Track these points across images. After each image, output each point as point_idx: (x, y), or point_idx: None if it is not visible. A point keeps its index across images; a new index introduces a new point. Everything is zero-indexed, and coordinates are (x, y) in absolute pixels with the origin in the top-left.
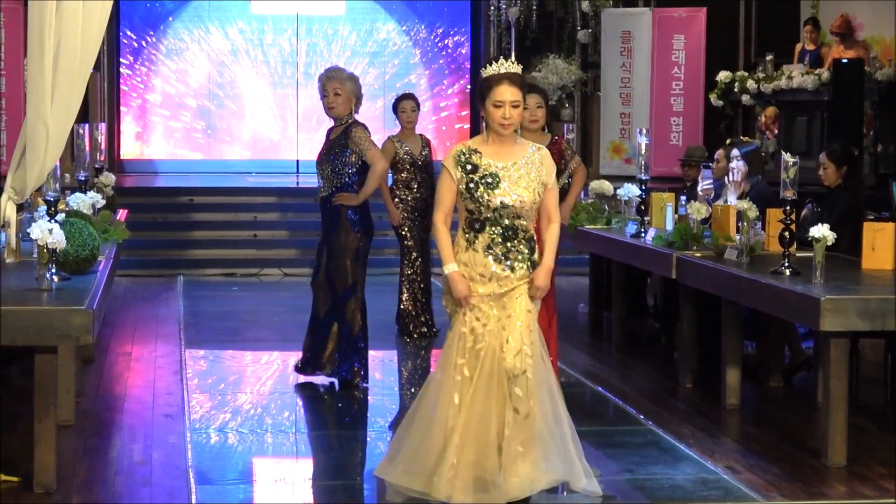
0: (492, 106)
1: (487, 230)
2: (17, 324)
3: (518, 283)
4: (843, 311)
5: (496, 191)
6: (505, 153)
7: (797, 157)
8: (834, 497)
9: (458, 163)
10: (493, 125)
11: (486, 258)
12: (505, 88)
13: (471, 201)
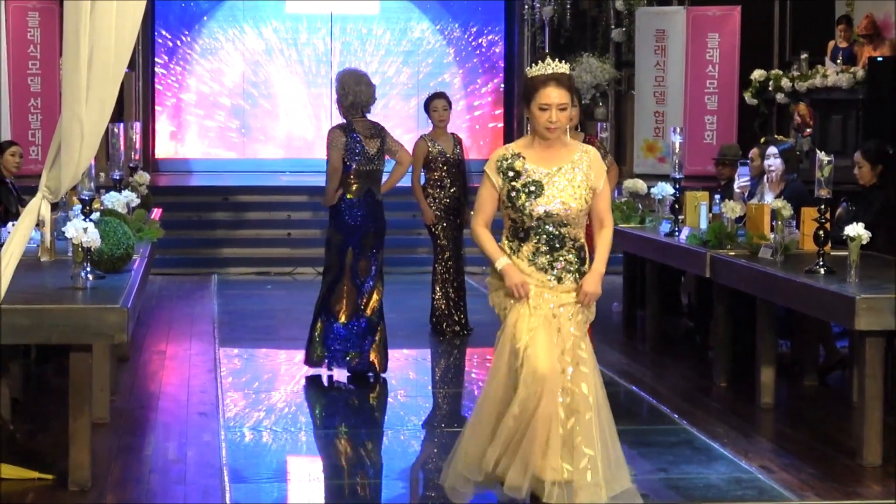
0: (537, 109)
1: (531, 239)
2: (52, 322)
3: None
4: (879, 310)
5: (539, 199)
6: (550, 157)
7: (832, 156)
8: (869, 497)
9: (500, 169)
10: (538, 129)
11: (531, 268)
12: (551, 90)
13: (513, 210)
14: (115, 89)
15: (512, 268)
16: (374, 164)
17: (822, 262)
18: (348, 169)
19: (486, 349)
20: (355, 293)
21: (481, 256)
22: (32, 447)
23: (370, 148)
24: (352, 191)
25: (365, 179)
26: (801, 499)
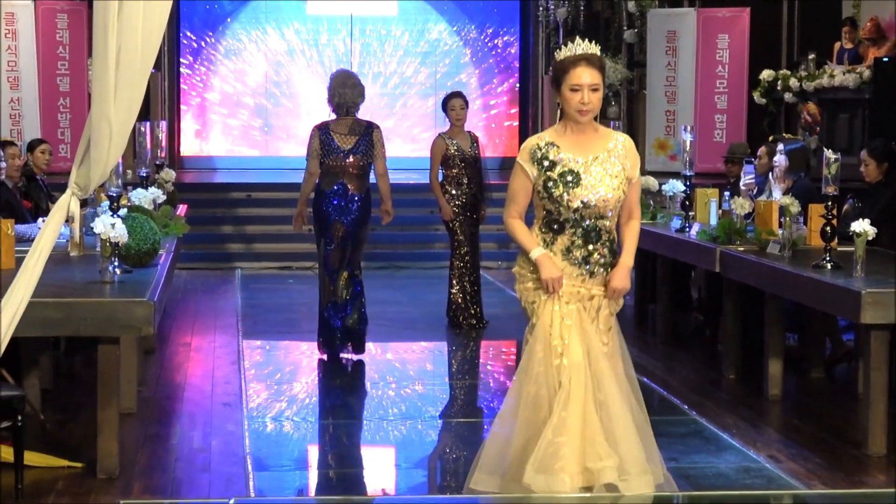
0: (568, 90)
1: (567, 231)
2: (80, 315)
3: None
4: (884, 304)
5: (576, 189)
6: (585, 145)
7: (839, 154)
8: (873, 486)
9: (534, 159)
10: (569, 112)
11: (565, 261)
12: (583, 70)
13: (549, 201)
14: (142, 89)
15: (547, 259)
16: (349, 159)
17: (829, 258)
18: (324, 165)
19: (501, 342)
20: (329, 282)
21: (497, 251)
22: (62, 436)
23: (344, 145)
24: (325, 184)
25: (336, 174)
26: (808, 487)
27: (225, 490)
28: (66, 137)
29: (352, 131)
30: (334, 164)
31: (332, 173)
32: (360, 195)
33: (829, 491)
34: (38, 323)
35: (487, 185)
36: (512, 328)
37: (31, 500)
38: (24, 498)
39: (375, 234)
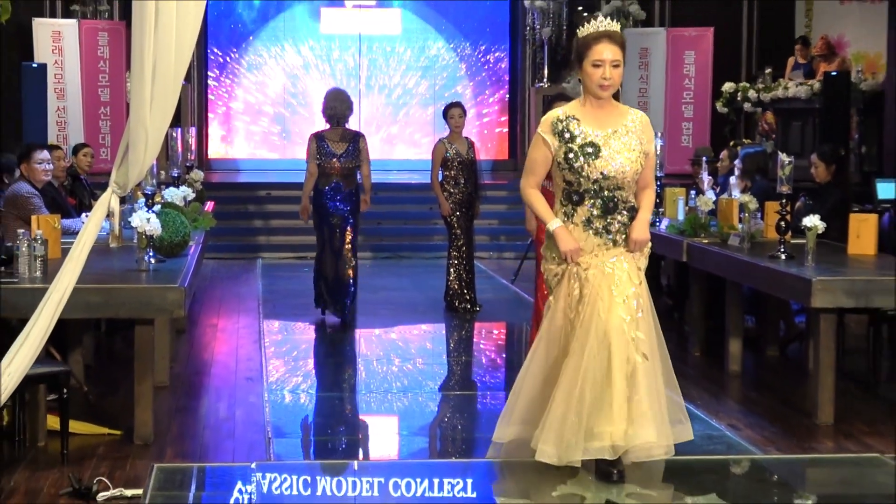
0: (590, 66)
1: (586, 202)
2: (120, 300)
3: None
4: (832, 290)
5: (596, 161)
6: (604, 119)
7: (792, 157)
8: (823, 451)
9: (555, 130)
10: (591, 87)
11: (586, 233)
12: (604, 46)
13: (570, 172)
14: (175, 99)
15: (564, 231)
16: (341, 162)
17: (784, 249)
18: (320, 167)
19: (492, 323)
20: (334, 261)
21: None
22: (102, 407)
23: (337, 149)
24: (322, 183)
25: (332, 175)
26: (765, 453)
27: (247, 455)
28: (107, 142)
29: (342, 138)
30: (328, 166)
31: (327, 174)
32: (351, 190)
33: (783, 456)
34: (82, 306)
35: (482, 184)
36: (502, 312)
37: (76, 464)
38: (69, 462)
39: (382, 228)
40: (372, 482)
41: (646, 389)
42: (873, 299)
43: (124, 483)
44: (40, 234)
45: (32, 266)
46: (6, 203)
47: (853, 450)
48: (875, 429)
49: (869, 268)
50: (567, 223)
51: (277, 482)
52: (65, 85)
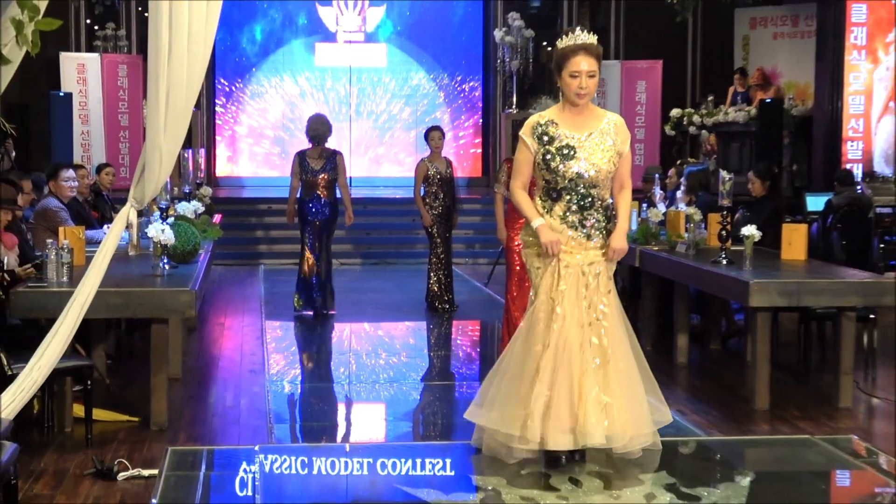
0: (568, 76)
1: (564, 199)
2: (138, 301)
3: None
4: (767, 291)
5: (571, 161)
6: (581, 123)
7: (732, 175)
8: (759, 433)
9: (535, 134)
10: (568, 95)
11: (563, 226)
12: (581, 58)
13: (547, 171)
14: (186, 123)
15: (546, 227)
16: (320, 176)
17: (724, 255)
18: (303, 180)
19: (468, 321)
20: (313, 261)
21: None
22: (122, 397)
23: (316, 166)
24: (305, 194)
25: (312, 187)
26: (709, 435)
27: (252, 438)
28: (126, 162)
29: (321, 156)
30: (310, 179)
31: (309, 186)
32: (329, 200)
33: (725, 438)
34: (104, 307)
35: (458, 199)
36: (476, 311)
37: (99, 447)
38: (92, 445)
39: (370, 238)
40: (362, 462)
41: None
42: (803, 299)
43: (142, 464)
44: (67, 244)
45: (60, 272)
46: (36, 216)
47: (786, 432)
48: (806, 413)
49: (800, 271)
50: (546, 217)
51: (278, 463)
52: (88, 111)
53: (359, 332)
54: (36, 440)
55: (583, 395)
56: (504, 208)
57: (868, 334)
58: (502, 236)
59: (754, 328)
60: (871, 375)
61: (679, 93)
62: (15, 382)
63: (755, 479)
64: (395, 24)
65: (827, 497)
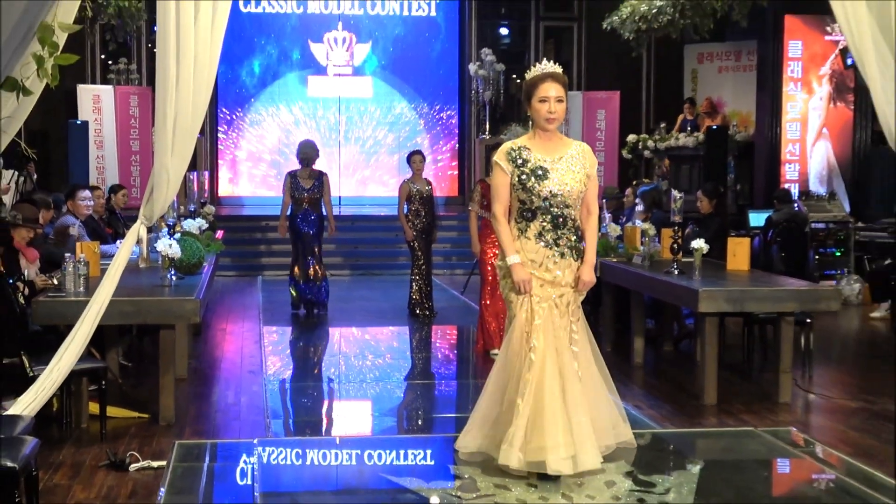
0: (537, 102)
1: (538, 218)
2: (148, 309)
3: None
4: (714, 298)
5: (545, 182)
6: (551, 148)
7: (682, 194)
8: (708, 426)
9: (510, 158)
10: (538, 121)
11: (538, 244)
12: (549, 85)
13: (522, 191)
14: (191, 148)
15: (520, 266)
16: (309, 194)
17: (676, 266)
18: (293, 197)
19: (446, 326)
20: (305, 268)
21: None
22: (134, 395)
23: (305, 184)
24: (296, 209)
25: (303, 203)
26: (663, 428)
27: (251, 433)
28: (137, 183)
29: (310, 176)
30: (300, 197)
31: (299, 202)
32: (316, 214)
33: (677, 430)
34: (117, 314)
35: (437, 216)
36: (453, 317)
37: (112, 441)
38: (107, 440)
39: (358, 251)
40: (350, 454)
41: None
42: (747, 305)
43: (152, 456)
44: (83, 257)
45: (77, 283)
46: (55, 232)
47: (732, 425)
48: (749, 408)
49: (743, 280)
50: (521, 237)
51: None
52: (103, 138)
53: (348, 336)
54: (55, 435)
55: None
56: (478, 224)
57: (805, 337)
58: (476, 250)
59: (703, 331)
60: (807, 374)
61: (635, 120)
62: (36, 383)
63: (704, 467)
64: (379, 59)
65: (769, 483)
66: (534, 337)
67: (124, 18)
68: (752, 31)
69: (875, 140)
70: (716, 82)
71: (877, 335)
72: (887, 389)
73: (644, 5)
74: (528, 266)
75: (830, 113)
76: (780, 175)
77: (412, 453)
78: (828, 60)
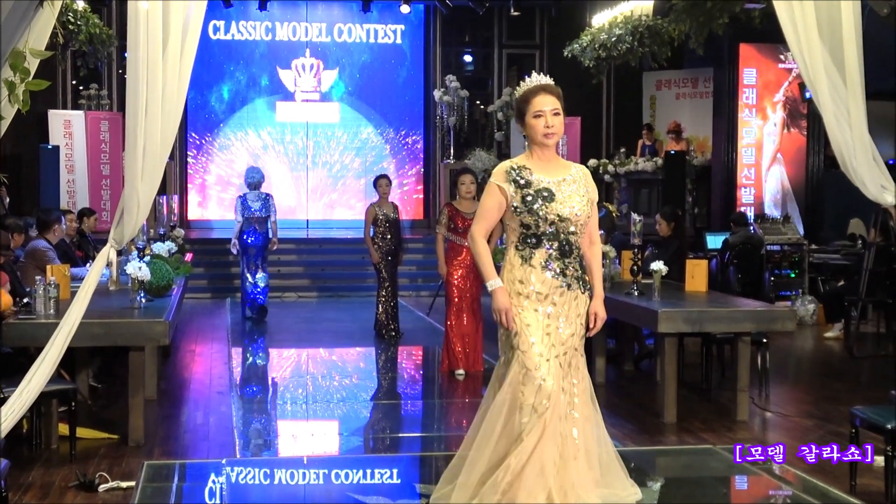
0: (532, 118)
1: (544, 245)
2: (118, 331)
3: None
4: (673, 319)
5: (552, 204)
6: (552, 169)
7: (641, 217)
8: (668, 444)
9: (510, 178)
10: (536, 138)
11: (545, 273)
12: (543, 98)
13: (528, 214)
14: (161, 172)
15: (502, 292)
16: (257, 214)
17: (636, 287)
18: (243, 216)
19: (412, 347)
20: (252, 281)
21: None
22: (104, 416)
23: (254, 206)
24: (245, 226)
25: (251, 221)
26: (624, 446)
27: (219, 453)
28: (107, 207)
29: (257, 198)
30: (249, 216)
31: (249, 221)
32: (262, 232)
33: (639, 448)
34: (87, 336)
35: (403, 238)
36: (419, 338)
37: (82, 462)
38: (76, 460)
39: (325, 273)
40: (318, 473)
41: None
42: (705, 325)
43: (121, 477)
44: (54, 280)
45: (47, 305)
46: (27, 255)
47: (691, 442)
48: (708, 426)
49: (702, 301)
50: (524, 265)
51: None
52: (74, 162)
53: (315, 357)
54: (25, 455)
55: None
56: (444, 247)
57: (761, 356)
58: (442, 271)
59: (662, 351)
60: (764, 392)
61: (596, 145)
62: (6, 404)
63: (664, 483)
64: (346, 85)
65: (728, 499)
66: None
67: (95, 45)
68: (709, 58)
69: (827, 165)
70: (673, 108)
71: (831, 354)
72: (841, 407)
73: (604, 34)
74: (533, 299)
75: (784, 138)
76: (736, 199)
77: (378, 472)
78: (781, 87)
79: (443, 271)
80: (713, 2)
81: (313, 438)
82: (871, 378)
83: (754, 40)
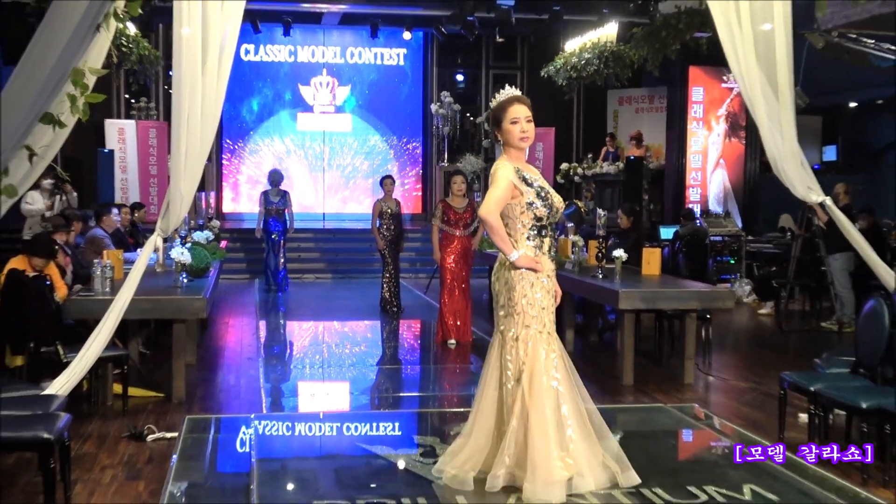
0: (509, 124)
1: (548, 235)
2: (163, 306)
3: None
4: (632, 297)
5: (555, 197)
6: (531, 170)
7: (605, 212)
8: (626, 403)
9: (520, 177)
10: (513, 142)
11: (547, 258)
12: (517, 107)
13: (543, 207)
14: (200, 172)
15: (524, 256)
16: (277, 206)
17: (601, 271)
18: (264, 208)
19: (411, 321)
20: (274, 260)
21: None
22: (151, 378)
23: (274, 199)
24: (267, 216)
25: (271, 212)
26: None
27: (249, 409)
28: (154, 201)
29: (277, 194)
30: (270, 209)
31: (269, 212)
32: (282, 221)
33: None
34: (137, 310)
35: (404, 229)
36: (417, 313)
37: (132, 416)
38: (127, 415)
39: (339, 258)
40: (332, 426)
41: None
42: (658, 303)
43: (166, 428)
44: (109, 263)
45: (103, 284)
46: (86, 242)
47: (646, 401)
48: (660, 388)
49: (655, 283)
50: (537, 253)
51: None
52: (126, 163)
53: (330, 329)
54: (85, 411)
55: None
56: (439, 236)
57: (705, 330)
58: (437, 257)
59: (622, 325)
60: (707, 360)
61: (567, 151)
62: (69, 367)
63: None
64: (357, 100)
65: (676, 450)
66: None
67: (145, 64)
68: (663, 79)
69: (762, 169)
70: (633, 121)
71: (763, 328)
72: (772, 373)
73: (575, 57)
74: (549, 283)
75: (726, 147)
76: (685, 197)
77: (383, 425)
78: (724, 104)
79: (437, 257)
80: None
81: (328, 397)
82: (798, 348)
83: (701, 63)
